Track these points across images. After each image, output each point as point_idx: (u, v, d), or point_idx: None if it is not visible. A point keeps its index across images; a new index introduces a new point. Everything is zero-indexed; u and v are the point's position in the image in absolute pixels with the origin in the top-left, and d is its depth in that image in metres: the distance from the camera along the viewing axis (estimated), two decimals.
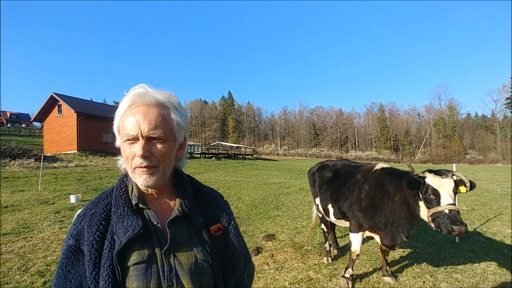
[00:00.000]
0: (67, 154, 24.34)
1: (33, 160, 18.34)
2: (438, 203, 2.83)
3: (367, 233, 3.73)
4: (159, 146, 0.92)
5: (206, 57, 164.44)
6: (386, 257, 3.94)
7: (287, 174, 21.55)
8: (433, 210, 2.85)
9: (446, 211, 2.76)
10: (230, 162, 29.92)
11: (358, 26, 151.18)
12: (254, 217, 7.52)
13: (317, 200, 4.59)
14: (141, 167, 0.90)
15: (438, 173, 2.97)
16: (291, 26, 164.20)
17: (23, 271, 4.03)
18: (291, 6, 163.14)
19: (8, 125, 55.34)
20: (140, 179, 0.92)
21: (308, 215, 7.69)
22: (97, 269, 0.85)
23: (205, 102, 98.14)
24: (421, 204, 3.02)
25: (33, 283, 3.67)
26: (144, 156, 0.89)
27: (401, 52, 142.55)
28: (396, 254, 4.77)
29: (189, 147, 35.34)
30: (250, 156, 45.96)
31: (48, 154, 23.25)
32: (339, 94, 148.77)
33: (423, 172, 3.05)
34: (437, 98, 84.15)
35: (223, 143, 52.71)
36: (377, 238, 3.65)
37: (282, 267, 4.30)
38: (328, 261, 4.46)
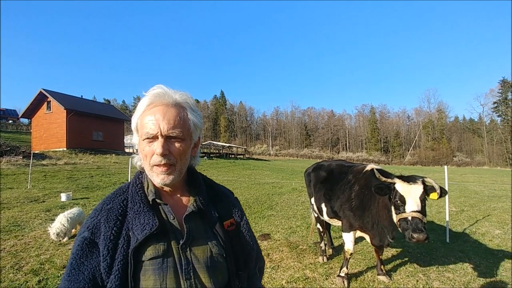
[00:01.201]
0: (56, 151, 23.88)
1: (21, 157, 17.97)
2: (404, 210, 2.85)
3: (359, 233, 3.80)
4: (177, 145, 0.94)
5: (198, 56, 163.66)
6: (380, 256, 4.01)
7: (279, 174, 21.65)
8: (399, 216, 2.89)
9: (409, 218, 2.79)
10: (222, 162, 29.87)
11: (350, 28, 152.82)
12: (248, 216, 7.51)
13: (313, 200, 4.64)
14: (159, 165, 0.93)
15: (407, 179, 2.97)
16: (284, 27, 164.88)
17: (16, 269, 3.96)
18: (285, 7, 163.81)
19: None
20: (158, 178, 0.94)
21: (302, 215, 7.76)
22: (111, 263, 0.87)
23: (197, 101, 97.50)
24: (392, 208, 3.05)
25: (27, 282, 3.61)
26: (163, 154, 0.91)
27: (392, 55, 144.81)
28: (389, 253, 4.86)
29: None
30: (242, 156, 45.95)
31: (36, 151, 22.77)
32: (331, 95, 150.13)
33: (392, 178, 3.07)
34: (427, 101, 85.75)
35: (215, 142, 52.53)
36: (367, 238, 3.72)
37: (278, 266, 4.34)
38: (323, 260, 4.52)
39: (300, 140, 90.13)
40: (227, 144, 52.21)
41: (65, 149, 24.79)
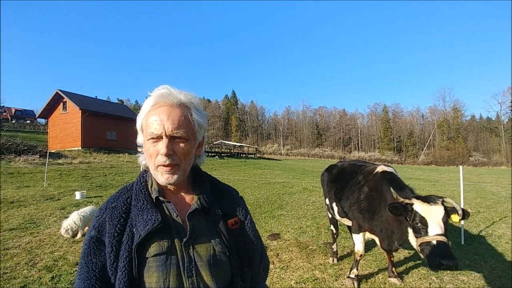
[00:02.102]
0: (71, 150, 24.47)
1: (38, 156, 18.47)
2: (426, 233, 2.62)
3: (368, 235, 3.72)
4: (181, 145, 0.95)
5: (210, 56, 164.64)
6: (392, 258, 3.93)
7: (290, 173, 21.56)
8: (420, 240, 2.64)
9: (434, 242, 2.52)
10: (233, 161, 29.95)
11: (363, 26, 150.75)
12: (258, 216, 7.53)
13: (327, 200, 4.59)
14: (164, 165, 0.93)
15: (426, 199, 2.76)
16: (295, 27, 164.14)
17: (31, 266, 4.07)
18: (296, 6, 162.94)
19: (13, 121, 55.63)
20: (162, 178, 0.95)
21: (312, 215, 7.70)
22: (117, 260, 0.89)
23: (209, 100, 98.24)
24: (410, 230, 2.84)
25: (40, 278, 3.70)
26: (167, 155, 0.92)
27: (405, 53, 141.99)
28: (401, 255, 4.77)
29: None
30: (253, 155, 45.97)
31: (52, 151, 23.38)
32: (342, 94, 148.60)
33: (410, 198, 2.87)
34: (442, 99, 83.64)
35: (226, 142, 52.79)
36: (376, 240, 3.64)
37: (287, 266, 4.31)
38: (334, 262, 4.47)
39: (312, 139, 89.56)
40: (238, 144, 52.35)
41: (80, 148, 25.35)
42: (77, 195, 9.13)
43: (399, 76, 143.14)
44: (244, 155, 42.54)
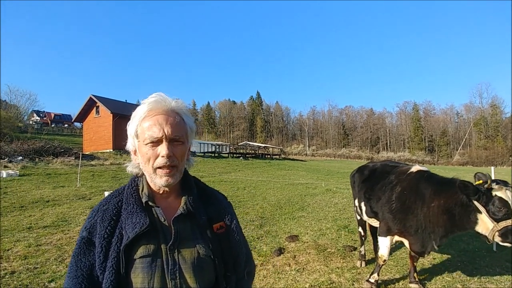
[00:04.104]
0: (104, 152, 25.74)
1: (73, 158, 19.60)
2: (509, 216, 2.65)
3: (397, 238, 3.59)
4: (179, 147, 1.01)
5: (235, 57, 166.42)
6: (415, 264, 3.76)
7: (315, 174, 21.29)
8: (503, 223, 2.66)
9: None
10: (258, 162, 30.05)
11: (390, 22, 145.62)
12: (278, 217, 7.51)
13: (356, 201, 4.50)
14: (163, 167, 0.98)
15: (503, 184, 2.77)
16: (320, 25, 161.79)
17: (59, 261, 4.34)
18: (320, 4, 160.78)
19: (52, 125, 59.65)
20: (162, 180, 0.99)
21: (333, 217, 7.56)
22: (106, 260, 0.93)
23: (234, 102, 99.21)
24: (481, 216, 2.80)
25: None
26: (168, 156, 0.97)
27: (436, 48, 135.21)
28: (425, 260, 4.56)
29: (217, 146, 35.98)
30: (277, 156, 45.85)
31: (86, 153, 24.76)
32: (369, 93, 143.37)
33: (486, 183, 2.81)
34: (478, 96, 78.46)
35: (251, 143, 53.03)
36: (406, 243, 3.50)
37: (303, 268, 4.27)
38: (361, 265, 4.36)
39: (338, 139, 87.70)
40: (263, 145, 52.41)
41: (111, 150, 26.60)
42: (106, 195, 9.58)
43: (430, 73, 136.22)
44: (268, 156, 42.53)
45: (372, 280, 3.64)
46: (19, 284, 3.60)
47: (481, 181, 2.86)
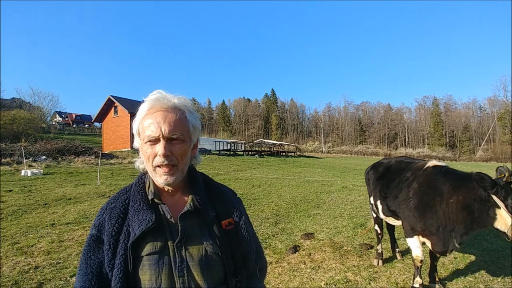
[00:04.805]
0: (122, 151, 26.39)
1: (93, 157, 20.20)
2: None
3: (420, 238, 3.45)
4: (178, 146, 0.99)
5: (249, 55, 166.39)
6: (435, 263, 3.64)
7: (330, 172, 21.04)
8: None
9: None
10: (273, 160, 29.98)
11: (407, 16, 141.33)
12: (293, 215, 7.47)
13: (371, 199, 4.42)
14: (162, 166, 0.97)
15: None
16: (336, 22, 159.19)
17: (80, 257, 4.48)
18: (336, 2, 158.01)
19: (74, 126, 61.74)
20: (161, 179, 0.99)
21: (349, 214, 7.45)
22: (114, 257, 0.95)
23: (249, 100, 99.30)
24: (500, 212, 2.68)
25: None
26: (165, 155, 0.96)
27: (456, 40, 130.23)
28: (446, 260, 4.42)
29: (233, 144, 36.18)
30: (293, 154, 45.58)
31: (106, 152, 25.46)
32: (387, 88, 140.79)
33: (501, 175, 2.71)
34: (503, 89, 75.04)
35: (266, 140, 52.98)
36: (428, 243, 3.36)
37: (319, 266, 4.23)
38: (378, 264, 4.28)
39: (354, 136, 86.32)
40: (278, 142, 52.19)
41: (129, 149, 27.23)
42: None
43: (450, 67, 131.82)
44: (284, 154, 42.32)
45: (417, 285, 3.48)
46: (42, 279, 3.74)
47: (502, 175, 2.72)
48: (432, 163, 3.51)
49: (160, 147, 0.96)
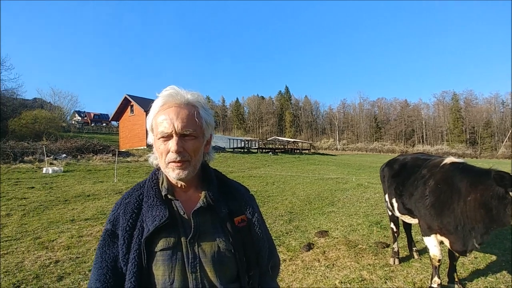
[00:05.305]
0: (138, 149, 26.91)
1: (111, 155, 20.69)
2: None
3: (438, 237, 3.35)
4: (190, 142, 0.98)
5: (263, 52, 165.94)
6: (455, 263, 3.53)
7: (345, 169, 20.78)
8: None
9: None
10: (287, 157, 29.89)
11: (423, 10, 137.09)
12: (307, 212, 7.42)
13: (386, 197, 4.33)
14: (174, 161, 0.97)
15: None
16: (349, 19, 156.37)
17: None
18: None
19: (92, 125, 63.51)
20: (174, 173, 0.98)
21: (364, 212, 7.33)
22: (128, 252, 0.96)
23: (262, 97, 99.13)
24: None
25: None
26: (178, 152, 0.96)
27: (477, 32, 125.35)
28: (466, 260, 4.28)
29: (247, 142, 36.26)
30: (307, 151, 45.32)
31: (122, 150, 26.04)
32: (403, 84, 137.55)
33: None
34: None
35: (280, 138, 52.84)
36: (446, 242, 3.26)
37: (333, 264, 4.19)
38: (394, 263, 4.19)
39: (370, 133, 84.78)
40: (292, 139, 51.97)
41: (145, 147, 27.75)
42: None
43: (471, 62, 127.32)
44: (298, 151, 42.14)
45: (435, 285, 3.39)
46: (62, 272, 3.87)
47: None
48: (449, 159, 3.39)
49: (173, 143, 0.96)
